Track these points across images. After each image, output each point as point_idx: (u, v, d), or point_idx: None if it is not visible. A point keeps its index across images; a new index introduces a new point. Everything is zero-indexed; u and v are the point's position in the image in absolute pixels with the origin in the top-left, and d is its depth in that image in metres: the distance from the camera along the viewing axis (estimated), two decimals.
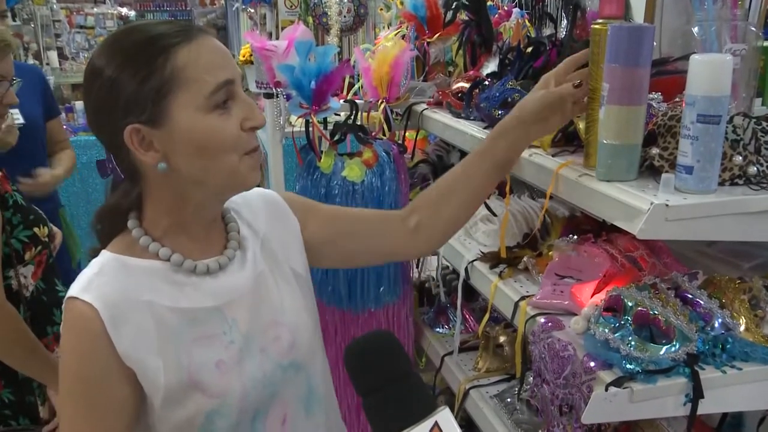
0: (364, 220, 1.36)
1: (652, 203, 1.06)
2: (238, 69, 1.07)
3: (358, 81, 2.25)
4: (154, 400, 1.04)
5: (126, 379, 1.02)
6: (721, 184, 1.14)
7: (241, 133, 1.04)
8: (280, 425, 1.16)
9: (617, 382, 1.15)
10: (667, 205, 1.06)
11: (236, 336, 1.10)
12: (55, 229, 2.26)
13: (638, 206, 1.08)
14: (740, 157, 1.14)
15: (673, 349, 1.18)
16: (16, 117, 2.51)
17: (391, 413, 0.78)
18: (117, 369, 1.02)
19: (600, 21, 1.23)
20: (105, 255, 1.08)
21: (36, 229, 1.84)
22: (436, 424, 0.76)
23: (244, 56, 2.97)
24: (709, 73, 1.07)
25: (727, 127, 1.13)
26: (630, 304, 1.24)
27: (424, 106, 2.13)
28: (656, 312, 1.22)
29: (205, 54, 1.01)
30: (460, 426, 0.79)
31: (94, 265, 1.07)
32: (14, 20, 7.15)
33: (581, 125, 1.31)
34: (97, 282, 1.03)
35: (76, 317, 1.02)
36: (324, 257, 1.31)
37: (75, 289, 1.03)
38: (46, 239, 1.90)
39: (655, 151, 1.19)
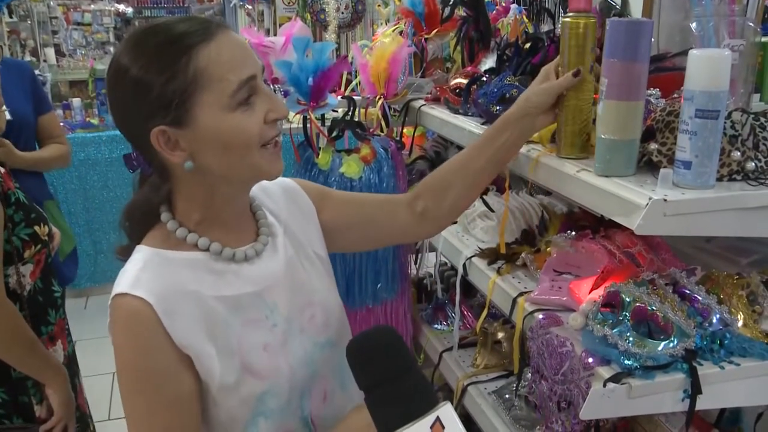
0: (375, 205, 1.40)
1: (650, 198, 1.06)
2: (258, 61, 1.07)
3: (356, 77, 2.25)
4: (211, 386, 1.06)
5: (188, 368, 1.05)
6: (720, 179, 1.14)
7: (264, 126, 1.05)
8: (322, 402, 1.20)
9: (615, 378, 1.15)
10: (665, 201, 1.06)
11: (278, 319, 1.14)
12: (54, 229, 2.26)
13: (636, 201, 1.08)
14: (739, 153, 1.13)
15: (671, 344, 1.18)
16: (5, 113, 2.51)
17: (393, 408, 0.79)
18: (179, 359, 1.04)
19: (570, 14, 1.25)
20: (144, 250, 1.09)
21: (37, 228, 1.84)
22: (437, 419, 0.76)
23: None
24: (708, 68, 1.07)
25: (725, 122, 1.13)
26: (628, 299, 1.24)
27: (422, 102, 2.12)
28: (654, 308, 1.22)
29: (225, 51, 1.01)
30: None
31: (136, 261, 1.08)
32: (11, 17, 7.14)
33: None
34: (144, 277, 1.04)
35: (131, 313, 1.02)
36: (339, 241, 1.34)
37: (123, 286, 1.03)
38: (46, 238, 1.89)
39: (653, 146, 1.19)
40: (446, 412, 0.77)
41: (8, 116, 2.54)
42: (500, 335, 1.97)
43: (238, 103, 1.01)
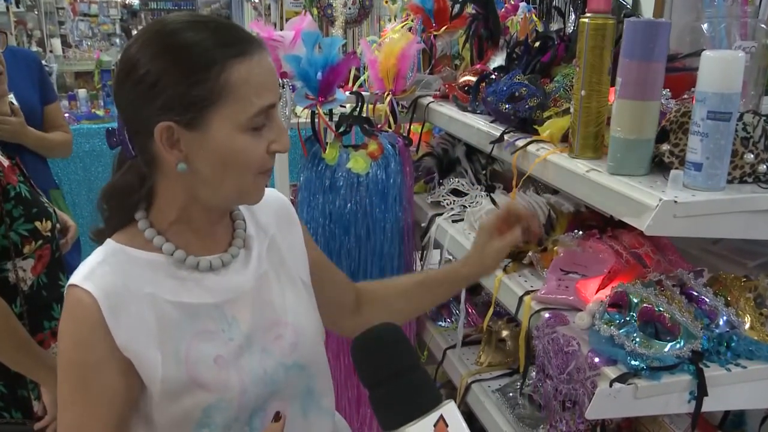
0: (334, 281, 1.38)
1: (660, 199, 1.06)
2: (279, 90, 1.07)
3: (364, 73, 2.24)
4: (153, 391, 1.04)
5: (122, 369, 1.02)
6: (731, 181, 1.14)
7: (266, 155, 1.04)
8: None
9: (622, 378, 1.15)
10: (675, 202, 1.06)
11: (236, 334, 1.10)
12: (70, 222, 2.25)
13: (646, 202, 1.08)
14: (752, 155, 1.13)
15: (678, 346, 1.18)
16: (11, 100, 2.51)
17: (396, 406, 0.78)
18: (113, 359, 1.02)
19: (589, 15, 1.25)
20: (109, 244, 1.08)
21: (38, 223, 1.82)
22: (441, 417, 0.76)
23: None
24: (721, 70, 1.07)
25: (737, 124, 1.12)
26: (635, 300, 1.24)
27: (430, 99, 2.12)
28: (661, 309, 1.22)
29: (258, 74, 1.01)
30: None
31: (98, 253, 1.07)
32: (17, 6, 7.15)
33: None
34: (99, 271, 1.04)
35: (75, 305, 1.03)
36: None
37: (77, 277, 1.03)
38: (49, 234, 1.87)
39: (665, 147, 1.18)
40: (450, 410, 0.76)
41: (15, 103, 2.55)
42: (504, 333, 1.97)
43: (252, 126, 1.01)
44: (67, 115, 4.74)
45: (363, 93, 2.13)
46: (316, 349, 1.21)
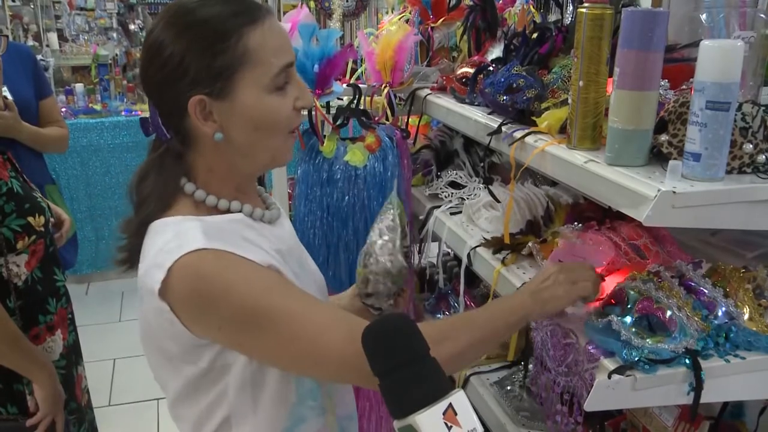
0: None
1: (659, 190, 1.05)
2: (294, 51, 1.13)
3: (362, 65, 2.24)
4: None
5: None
6: (729, 172, 1.13)
7: (292, 112, 1.12)
8: None
9: (620, 370, 1.15)
10: (674, 192, 1.05)
11: (306, 276, 1.23)
12: (65, 215, 2.24)
13: (645, 193, 1.07)
14: (751, 145, 1.13)
15: (674, 342, 1.18)
16: (5, 94, 2.50)
17: (406, 394, 0.79)
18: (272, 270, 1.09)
19: (586, 5, 1.24)
20: (178, 219, 1.09)
21: (30, 219, 1.81)
22: (450, 405, 0.76)
23: None
24: (720, 60, 1.06)
25: (736, 114, 1.12)
26: (634, 294, 1.23)
27: (428, 91, 2.11)
28: (660, 303, 1.21)
29: (273, 36, 1.08)
30: None
31: (181, 225, 1.07)
32: (14, 0, 7.11)
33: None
34: (211, 233, 1.05)
35: (217, 257, 1.02)
36: None
37: (195, 243, 1.03)
38: (42, 229, 1.86)
39: (664, 137, 1.18)
40: (459, 398, 0.77)
41: (9, 97, 2.53)
42: None
43: (276, 86, 1.08)
44: (64, 109, 4.74)
45: (360, 85, 2.13)
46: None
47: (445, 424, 0.75)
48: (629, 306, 1.22)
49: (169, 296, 1.02)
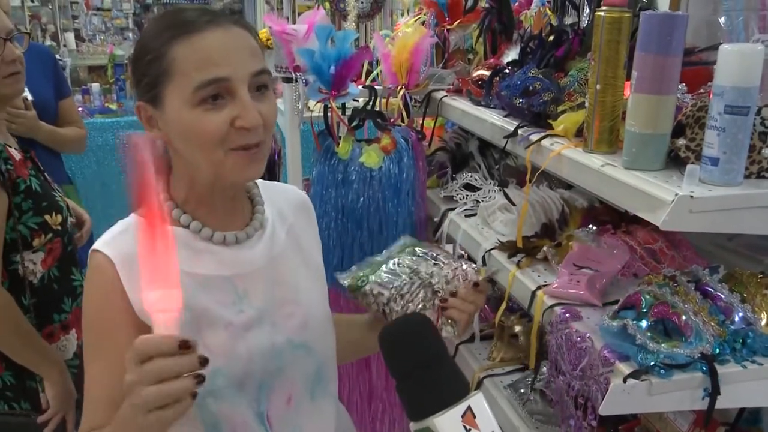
0: None
1: (676, 194, 1.05)
2: (251, 66, 1.07)
3: (377, 67, 2.24)
4: None
5: (139, 330, 1.03)
6: (748, 176, 1.13)
7: (230, 129, 1.05)
8: (286, 404, 1.20)
9: (636, 374, 1.14)
10: (691, 197, 1.05)
11: (246, 307, 1.15)
12: (86, 215, 2.26)
13: (662, 197, 1.07)
14: None
15: (690, 347, 1.17)
16: (25, 94, 2.52)
17: (425, 396, 0.79)
18: (129, 320, 1.06)
19: (605, 8, 1.24)
20: (132, 217, 1.15)
21: (47, 217, 1.81)
22: (469, 408, 0.76)
23: (262, 40, 2.96)
24: (739, 64, 1.05)
25: (755, 119, 1.11)
26: (649, 298, 1.22)
27: (444, 93, 2.11)
28: (676, 308, 1.20)
29: (202, 49, 1.04)
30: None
31: (120, 224, 1.15)
32: (32, 1, 7.18)
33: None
34: (119, 239, 1.12)
35: (95, 268, 1.10)
36: None
37: (98, 244, 1.12)
38: (59, 227, 1.87)
39: (681, 142, 1.17)
40: (477, 401, 0.77)
41: (30, 97, 2.56)
42: (517, 329, 1.96)
43: (200, 100, 1.04)
44: (80, 109, 4.77)
45: (376, 87, 2.13)
46: (325, 334, 1.26)
47: (464, 427, 0.75)
48: (645, 310, 1.21)
49: None
